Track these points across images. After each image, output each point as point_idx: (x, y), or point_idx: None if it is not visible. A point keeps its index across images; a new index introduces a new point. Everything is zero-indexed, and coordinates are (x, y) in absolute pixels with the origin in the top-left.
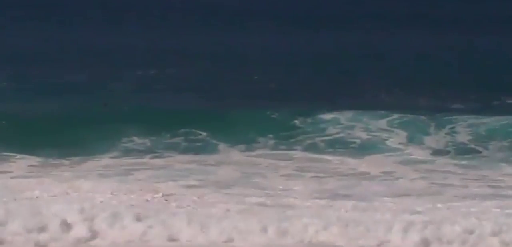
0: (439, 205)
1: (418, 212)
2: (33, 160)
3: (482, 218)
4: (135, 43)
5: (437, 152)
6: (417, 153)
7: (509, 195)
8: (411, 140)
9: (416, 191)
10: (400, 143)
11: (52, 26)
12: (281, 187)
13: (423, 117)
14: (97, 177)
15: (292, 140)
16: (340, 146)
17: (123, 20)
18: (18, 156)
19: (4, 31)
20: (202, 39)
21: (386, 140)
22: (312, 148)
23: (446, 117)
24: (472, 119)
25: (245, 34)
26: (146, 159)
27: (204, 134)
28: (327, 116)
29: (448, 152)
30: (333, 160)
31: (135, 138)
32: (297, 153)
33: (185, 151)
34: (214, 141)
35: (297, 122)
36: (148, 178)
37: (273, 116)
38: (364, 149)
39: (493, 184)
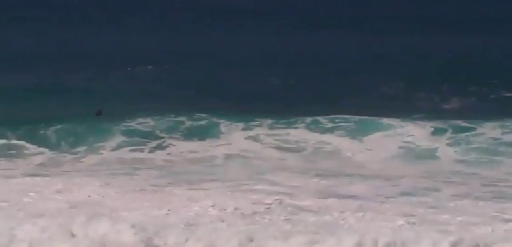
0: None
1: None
2: (46, 155)
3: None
4: (134, 44)
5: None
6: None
7: None
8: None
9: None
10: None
11: (52, 26)
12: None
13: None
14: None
15: (292, 119)
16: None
17: (123, 20)
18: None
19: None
20: (202, 39)
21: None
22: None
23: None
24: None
25: (246, 34)
26: (151, 155)
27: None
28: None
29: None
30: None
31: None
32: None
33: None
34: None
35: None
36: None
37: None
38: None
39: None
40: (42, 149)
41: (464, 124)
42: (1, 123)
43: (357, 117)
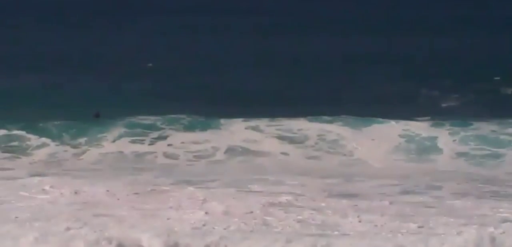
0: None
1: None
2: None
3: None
4: (134, 44)
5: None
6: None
7: None
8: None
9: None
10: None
11: (52, 27)
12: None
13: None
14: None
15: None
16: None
17: (123, 20)
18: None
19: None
20: (202, 39)
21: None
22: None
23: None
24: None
25: (245, 34)
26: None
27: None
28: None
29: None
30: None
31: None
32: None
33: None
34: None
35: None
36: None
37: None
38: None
39: None
40: (44, 139)
41: (463, 121)
42: (2, 120)
43: (357, 117)
